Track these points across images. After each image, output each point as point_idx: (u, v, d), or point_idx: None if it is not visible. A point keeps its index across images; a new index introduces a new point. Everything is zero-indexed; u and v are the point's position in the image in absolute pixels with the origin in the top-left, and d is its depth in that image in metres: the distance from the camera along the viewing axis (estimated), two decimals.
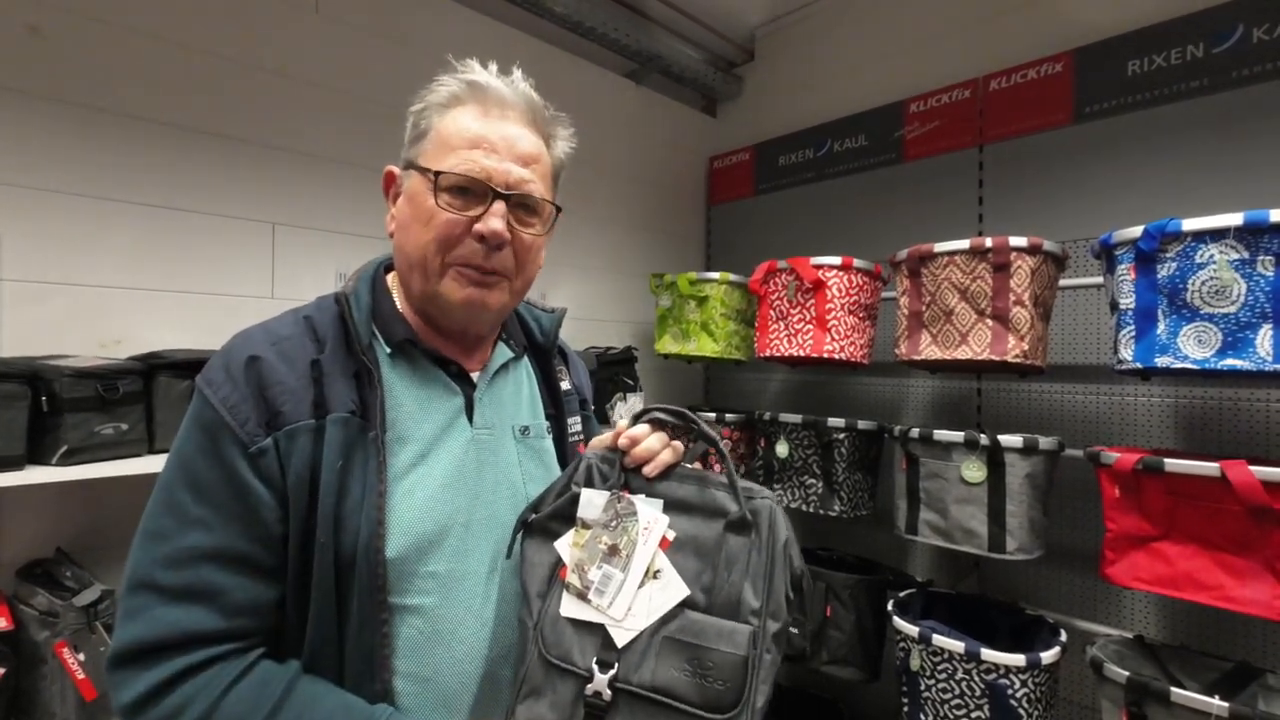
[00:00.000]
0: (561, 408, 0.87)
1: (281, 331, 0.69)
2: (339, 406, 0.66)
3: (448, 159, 0.69)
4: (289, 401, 0.64)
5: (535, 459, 0.81)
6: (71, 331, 1.41)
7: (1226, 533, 1.23)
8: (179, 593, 0.60)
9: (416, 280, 0.72)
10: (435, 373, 0.75)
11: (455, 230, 0.69)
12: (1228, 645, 1.50)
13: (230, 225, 1.63)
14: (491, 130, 0.70)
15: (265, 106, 1.68)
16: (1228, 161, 1.59)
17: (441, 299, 0.71)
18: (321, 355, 0.68)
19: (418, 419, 0.71)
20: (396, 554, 0.65)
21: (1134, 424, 1.69)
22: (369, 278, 0.76)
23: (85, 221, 1.44)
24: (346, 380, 0.68)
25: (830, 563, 2.00)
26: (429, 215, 0.69)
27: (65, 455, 1.21)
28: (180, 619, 0.59)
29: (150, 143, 1.52)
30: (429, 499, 0.69)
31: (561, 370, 0.90)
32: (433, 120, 0.71)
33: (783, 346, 1.90)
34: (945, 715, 1.49)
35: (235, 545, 0.61)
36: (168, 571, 0.60)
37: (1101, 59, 1.79)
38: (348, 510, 0.64)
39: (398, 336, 0.73)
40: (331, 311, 0.72)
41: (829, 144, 2.41)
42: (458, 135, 0.70)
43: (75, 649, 1.18)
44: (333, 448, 0.64)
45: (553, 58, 2.30)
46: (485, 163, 0.69)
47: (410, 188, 0.72)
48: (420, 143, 0.72)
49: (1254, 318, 1.19)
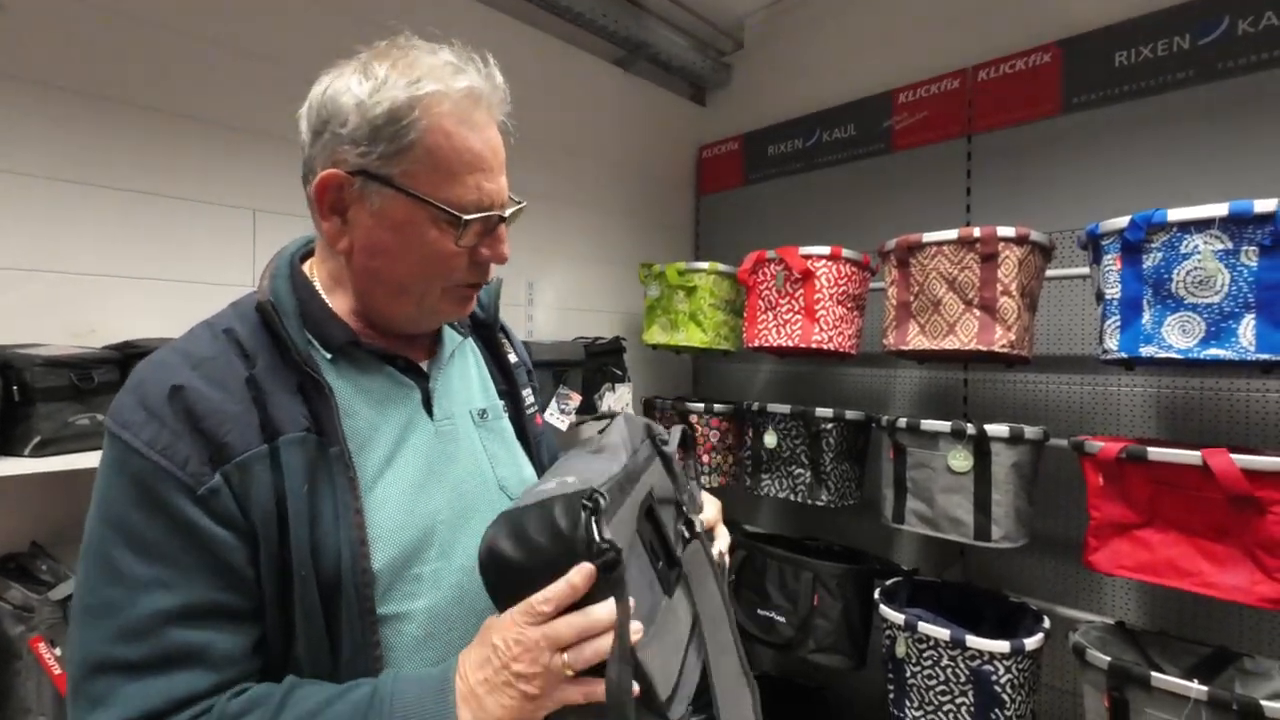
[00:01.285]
0: (514, 381, 0.84)
1: (201, 352, 0.60)
2: (290, 426, 0.59)
3: (452, 188, 0.62)
4: (231, 430, 0.57)
5: (498, 441, 0.78)
6: (44, 320, 1.37)
7: (1207, 520, 1.25)
8: (154, 663, 0.53)
9: (401, 304, 0.67)
10: (383, 371, 0.70)
11: (463, 261, 0.66)
12: (1206, 630, 1.53)
13: (210, 211, 1.59)
14: (482, 142, 0.65)
15: (246, 90, 1.64)
16: (1214, 152, 1.60)
17: (429, 317, 0.70)
18: (254, 371, 0.60)
19: (375, 423, 0.66)
20: (381, 566, 0.62)
21: (1118, 413, 1.70)
22: (285, 275, 0.67)
23: (58, 206, 1.40)
24: (290, 395, 0.61)
25: (817, 552, 2.01)
26: (434, 251, 0.64)
27: (38, 446, 1.18)
28: (165, 688, 0.53)
29: (126, 126, 1.48)
30: (405, 503, 0.65)
31: (505, 343, 0.87)
32: (420, 130, 0.61)
33: (771, 337, 1.89)
34: (930, 702, 1.50)
35: (204, 597, 0.55)
36: (131, 645, 0.52)
37: (1089, 50, 1.79)
38: (322, 534, 0.59)
39: (338, 340, 0.66)
40: (253, 320, 0.64)
41: (818, 134, 2.40)
42: (455, 156, 0.62)
43: (51, 644, 1.16)
44: (295, 472, 0.58)
45: (540, 43, 2.27)
46: (488, 187, 0.65)
47: (394, 214, 0.62)
48: (400, 160, 0.61)
49: (1237, 307, 1.20)
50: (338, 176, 0.62)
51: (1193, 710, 1.17)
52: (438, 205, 0.62)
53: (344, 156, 0.62)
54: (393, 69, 0.62)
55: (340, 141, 0.61)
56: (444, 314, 0.70)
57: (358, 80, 0.62)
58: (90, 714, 0.52)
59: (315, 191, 0.63)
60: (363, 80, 0.62)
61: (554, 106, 2.29)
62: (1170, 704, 1.20)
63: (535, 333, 2.28)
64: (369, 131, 0.61)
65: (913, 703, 1.54)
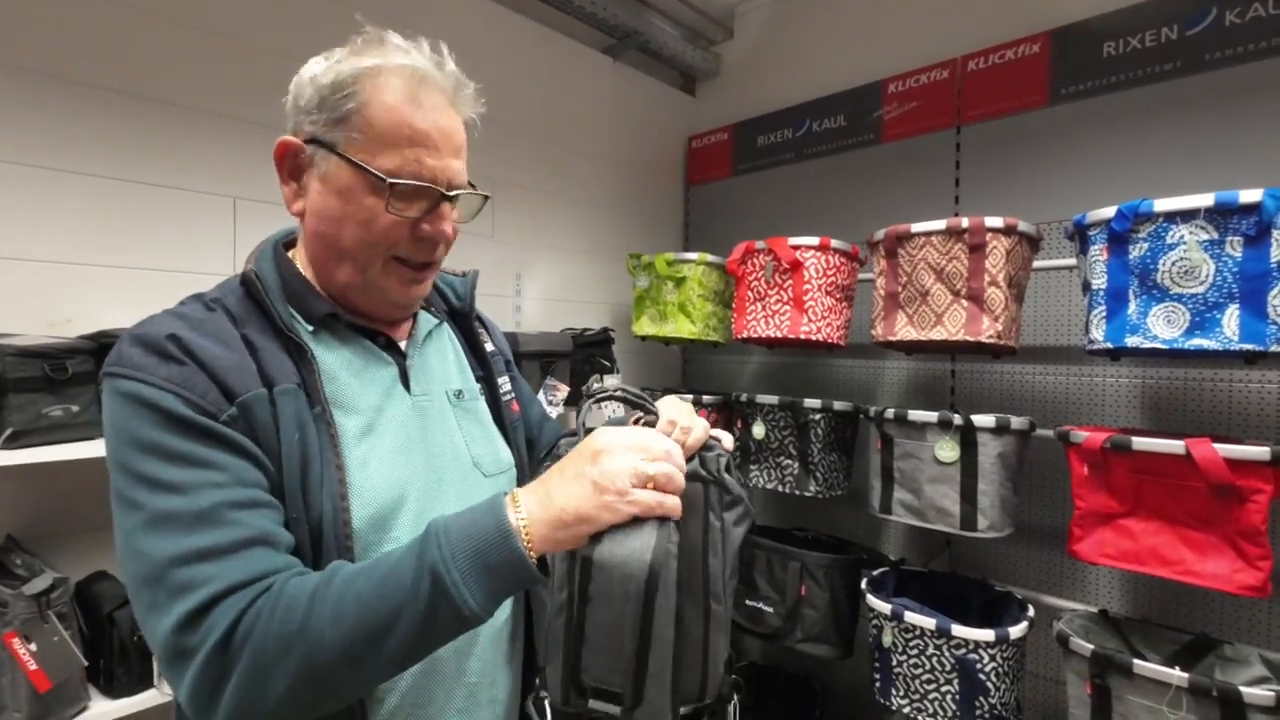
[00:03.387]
0: (490, 368, 0.87)
1: (195, 315, 0.64)
2: (282, 379, 0.63)
3: (389, 158, 0.65)
4: (233, 374, 0.60)
5: (473, 420, 0.82)
6: (17, 310, 1.34)
7: (1189, 509, 1.26)
8: (228, 546, 0.54)
9: (345, 271, 0.69)
10: (363, 345, 0.73)
11: (402, 232, 0.68)
12: (1188, 618, 1.55)
13: (188, 199, 1.56)
14: (428, 122, 0.66)
15: (226, 76, 1.61)
16: (1201, 143, 1.61)
17: (376, 292, 0.71)
18: (245, 331, 0.64)
19: (356, 390, 0.70)
20: (360, 524, 0.64)
21: (1103, 404, 1.71)
22: (270, 257, 0.71)
23: (31, 193, 1.36)
24: (282, 357, 0.65)
25: (805, 542, 2.02)
26: (370, 216, 0.66)
27: (11, 438, 1.15)
28: (244, 565, 0.54)
29: (102, 111, 1.44)
30: (383, 468, 0.68)
31: (482, 332, 0.90)
32: (361, 103, 0.64)
33: (760, 328, 1.89)
34: (916, 690, 1.51)
35: (254, 494, 0.58)
36: (203, 534, 0.54)
37: (1078, 40, 1.79)
38: (311, 485, 0.62)
39: (320, 312, 0.70)
40: (238, 294, 0.68)
41: (808, 124, 2.39)
42: (394, 129, 0.65)
43: (26, 639, 1.14)
44: (288, 419, 0.62)
45: (527, 31, 2.24)
46: (430, 163, 0.66)
47: (338, 179, 0.66)
48: (343, 127, 0.65)
49: (1221, 298, 1.21)
50: (292, 143, 0.68)
51: (1174, 697, 1.19)
52: (371, 171, 0.65)
53: (300, 126, 0.68)
54: (349, 52, 0.68)
55: (299, 114, 0.68)
56: (391, 292, 0.71)
57: (319, 61, 0.68)
58: (177, 602, 0.52)
59: (275, 157, 0.69)
60: (322, 61, 0.68)
61: (541, 95, 2.26)
62: (1152, 691, 1.21)
63: (523, 324, 2.26)
64: (318, 101, 0.66)
65: (899, 691, 1.55)
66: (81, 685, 1.23)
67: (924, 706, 1.50)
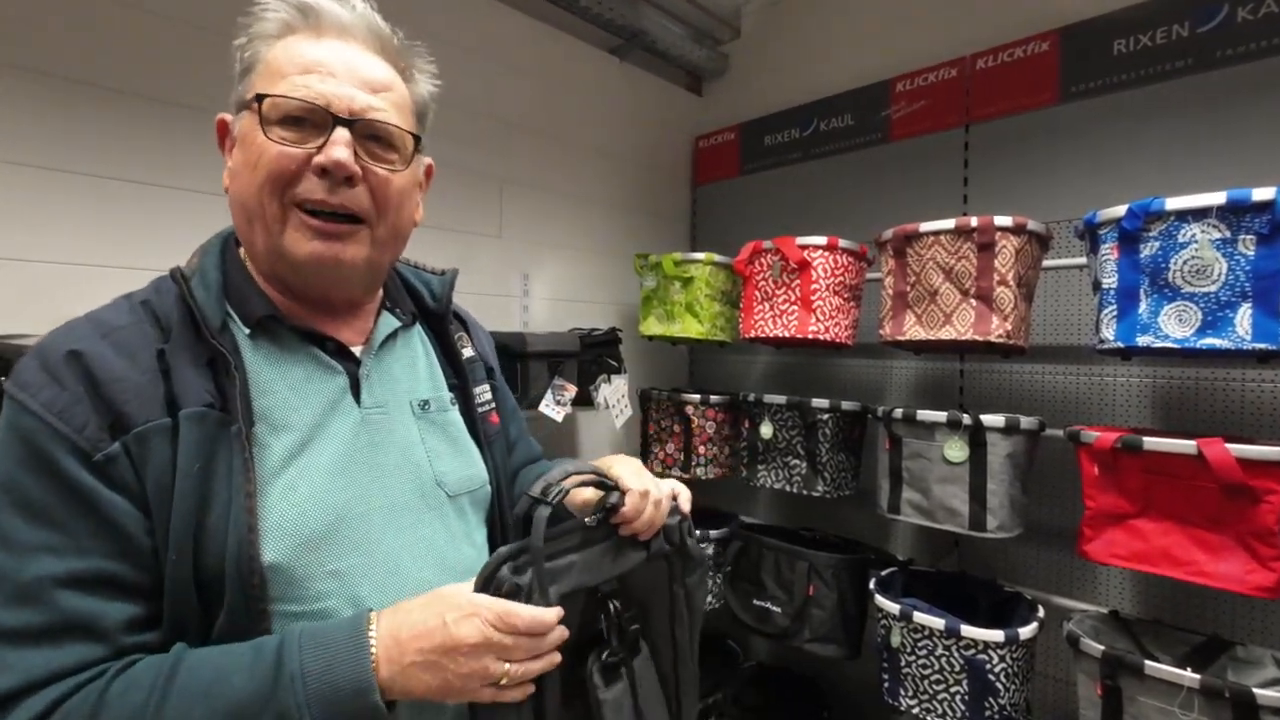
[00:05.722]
0: (465, 376, 0.80)
1: (114, 321, 0.59)
2: (192, 400, 0.57)
3: (276, 86, 0.60)
4: (132, 400, 0.55)
5: (439, 433, 0.74)
6: (22, 310, 1.35)
7: (1201, 509, 1.25)
8: (40, 632, 0.49)
9: (258, 236, 0.62)
10: (307, 351, 0.66)
11: (290, 165, 0.59)
12: (1199, 619, 1.54)
13: (193, 199, 1.57)
14: (328, 53, 0.61)
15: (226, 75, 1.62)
16: (1213, 141, 1.59)
17: (287, 255, 0.62)
18: (167, 344, 0.58)
19: (293, 405, 0.63)
20: (280, 559, 0.57)
21: (1114, 403, 1.70)
22: (216, 250, 0.66)
23: (35, 194, 1.38)
24: (199, 369, 0.58)
25: (813, 543, 2.01)
26: (259, 153, 0.59)
27: None
28: (53, 659, 0.49)
29: (105, 111, 1.45)
30: (315, 492, 0.61)
31: (462, 337, 0.83)
32: (259, 51, 0.62)
33: (767, 328, 1.88)
34: (925, 691, 1.51)
35: (95, 565, 0.52)
36: (15, 612, 0.49)
37: (1088, 38, 1.78)
38: (213, 520, 0.55)
39: (257, 313, 0.63)
40: (172, 293, 0.62)
41: (815, 123, 2.39)
42: (289, 62, 0.61)
43: None
44: (189, 449, 0.55)
45: (533, 31, 2.24)
46: (321, 87, 0.60)
47: (241, 129, 0.62)
48: (247, 78, 0.63)
49: (1234, 297, 1.20)
50: (225, 120, 0.67)
51: (1185, 698, 1.18)
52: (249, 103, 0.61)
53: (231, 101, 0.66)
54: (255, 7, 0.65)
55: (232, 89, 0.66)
56: (291, 249, 0.61)
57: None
58: None
59: (217, 141, 0.68)
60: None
61: (547, 95, 2.26)
62: (1163, 692, 1.20)
63: (530, 324, 2.26)
64: (237, 71, 0.65)
65: (907, 692, 1.54)
66: None
67: (933, 707, 1.49)
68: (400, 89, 0.66)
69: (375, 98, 0.63)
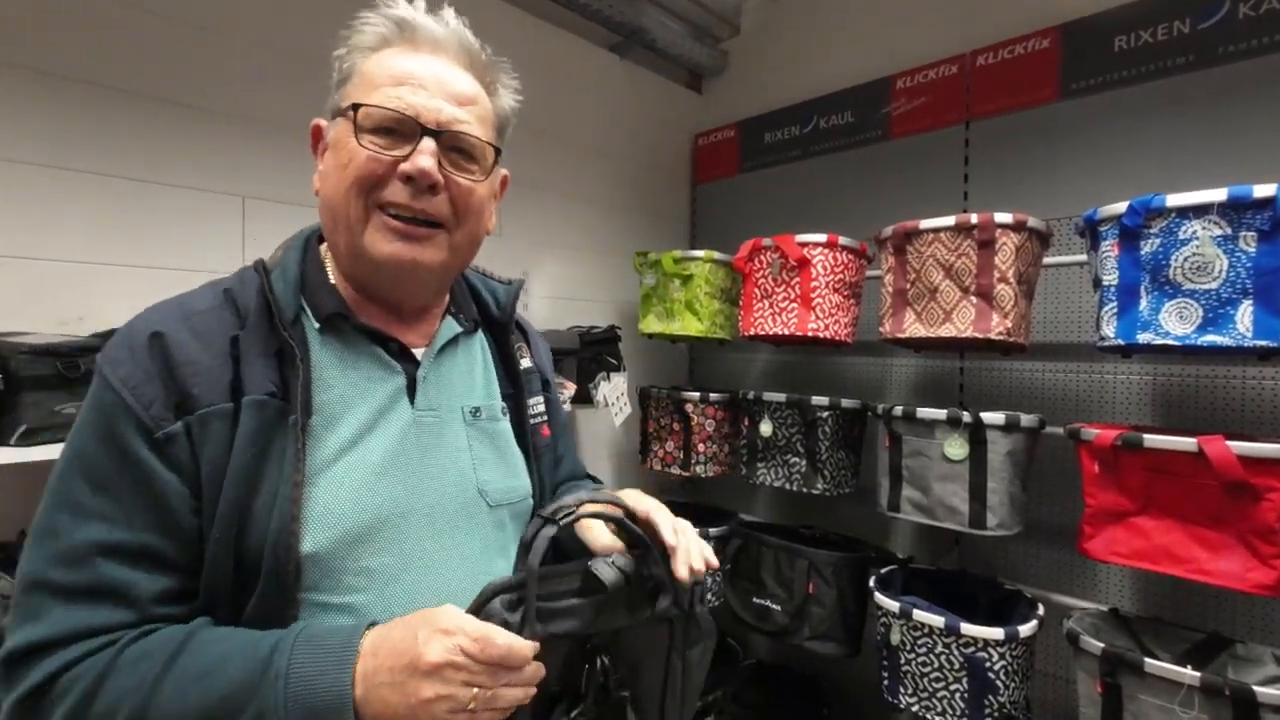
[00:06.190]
0: (520, 387, 0.80)
1: (197, 306, 0.62)
2: (256, 388, 0.59)
3: (371, 96, 0.63)
4: (201, 383, 0.58)
5: (487, 442, 0.74)
6: (29, 308, 1.36)
7: (1202, 507, 1.24)
8: (81, 591, 0.54)
9: (341, 235, 0.65)
10: (371, 350, 0.68)
11: (377, 169, 0.62)
12: (1200, 617, 1.53)
13: (197, 198, 1.57)
14: (421, 67, 0.64)
15: (235, 75, 1.62)
16: (1214, 138, 1.59)
17: (367, 255, 0.64)
18: (242, 331, 0.61)
19: (350, 401, 0.65)
20: (318, 549, 0.59)
21: (1114, 401, 1.70)
22: (299, 246, 0.69)
23: (42, 192, 1.38)
24: (267, 359, 0.61)
25: (813, 540, 2.01)
26: (349, 157, 0.63)
27: (25, 435, 1.17)
28: (85, 618, 0.53)
29: (112, 111, 1.45)
30: (360, 488, 0.62)
31: (521, 347, 0.84)
32: (356, 63, 0.66)
33: (767, 325, 1.88)
34: (925, 689, 1.51)
35: (139, 538, 0.55)
36: (63, 570, 0.53)
37: (1088, 35, 1.77)
38: (260, 505, 0.58)
39: (326, 309, 0.66)
40: (254, 283, 0.65)
41: (815, 121, 2.38)
42: (383, 74, 0.64)
43: None
44: (246, 434, 0.58)
45: (533, 28, 2.24)
46: (412, 99, 0.63)
47: (334, 135, 0.66)
48: (344, 87, 0.66)
49: (1235, 294, 1.20)
50: (319, 125, 0.69)
51: (1185, 696, 1.18)
52: (345, 111, 0.64)
53: (327, 107, 0.69)
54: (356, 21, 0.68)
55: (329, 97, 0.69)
56: (372, 248, 0.64)
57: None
58: (21, 626, 0.53)
59: (311, 146, 0.70)
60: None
61: (547, 93, 2.26)
62: (1163, 690, 1.20)
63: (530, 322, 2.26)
64: (335, 80, 0.68)
65: (907, 690, 1.54)
66: None
67: (932, 705, 1.49)
68: (485, 103, 0.69)
69: (461, 110, 0.65)
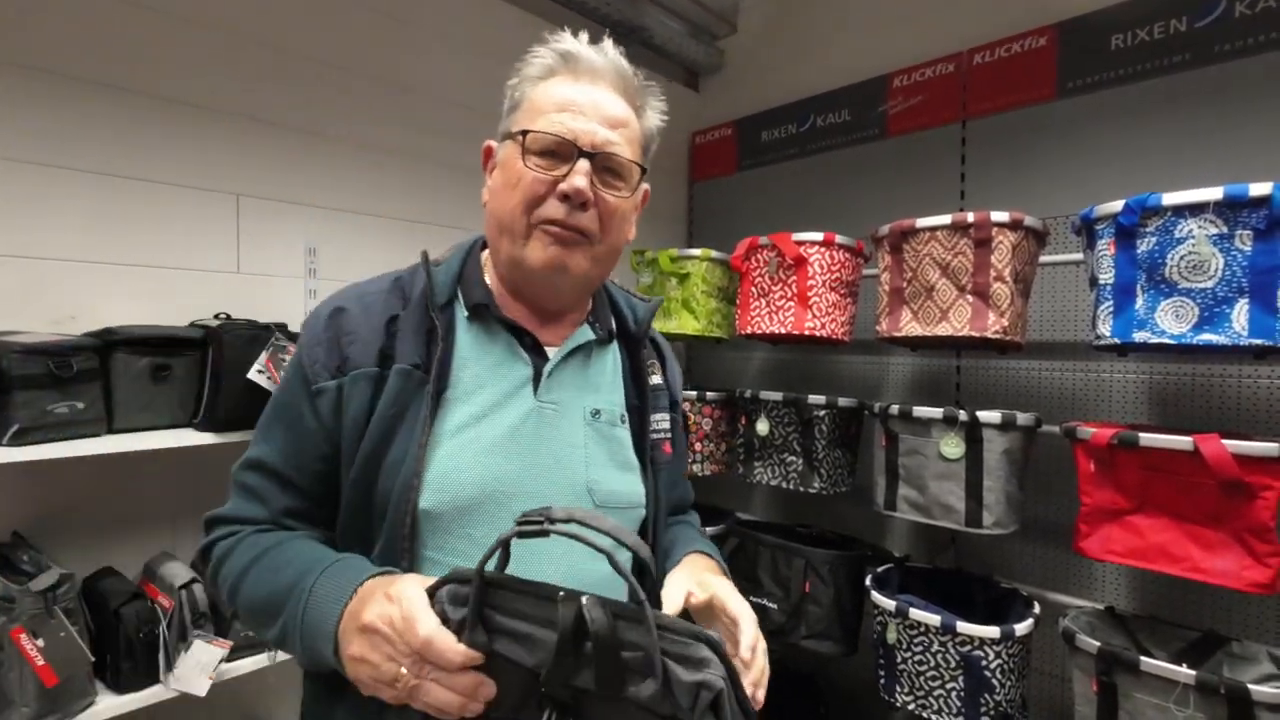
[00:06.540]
0: (647, 400, 0.83)
1: (371, 289, 0.76)
2: (404, 359, 0.70)
3: (536, 122, 0.71)
4: (357, 350, 0.70)
5: (603, 444, 0.78)
6: (20, 307, 1.35)
7: (1198, 506, 1.25)
8: (242, 489, 0.73)
9: (505, 244, 0.74)
10: (507, 340, 0.76)
11: (541, 189, 0.70)
12: (1195, 615, 1.54)
13: (190, 195, 1.56)
14: (580, 94, 0.72)
15: (229, 72, 1.61)
16: (1210, 136, 1.59)
17: (526, 262, 0.72)
18: (402, 312, 0.73)
19: (481, 381, 0.73)
20: (431, 508, 0.67)
21: (1110, 400, 1.70)
22: (466, 247, 0.81)
23: (34, 190, 1.37)
24: (418, 336, 0.72)
25: (809, 539, 2.01)
26: (518, 177, 0.71)
27: (16, 435, 1.16)
28: (239, 508, 0.72)
29: (105, 108, 1.44)
30: (475, 461, 0.69)
31: (653, 363, 0.87)
32: (525, 91, 0.74)
33: (764, 324, 1.88)
34: (921, 687, 1.51)
35: (279, 464, 0.71)
36: (241, 472, 0.74)
37: (1085, 33, 1.77)
38: (391, 459, 0.67)
39: (474, 299, 0.75)
40: (422, 274, 0.77)
41: (812, 119, 2.38)
42: (547, 101, 0.72)
43: (34, 635, 1.14)
44: (389, 396, 0.69)
45: (529, 25, 2.23)
46: (572, 124, 0.70)
47: (503, 156, 0.74)
48: (514, 114, 0.75)
49: (1230, 293, 1.20)
50: (490, 146, 0.79)
51: (1181, 694, 1.18)
52: (512, 133, 0.72)
53: (499, 129, 0.77)
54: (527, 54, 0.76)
55: (500, 121, 0.77)
56: (532, 256, 0.72)
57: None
58: (229, 496, 0.74)
59: (481, 164, 0.80)
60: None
61: None
62: (1158, 688, 1.20)
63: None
64: (506, 106, 0.76)
65: (903, 688, 1.54)
66: (88, 681, 1.23)
67: (929, 703, 1.49)
68: (634, 125, 0.76)
69: (614, 133, 0.72)
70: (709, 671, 0.45)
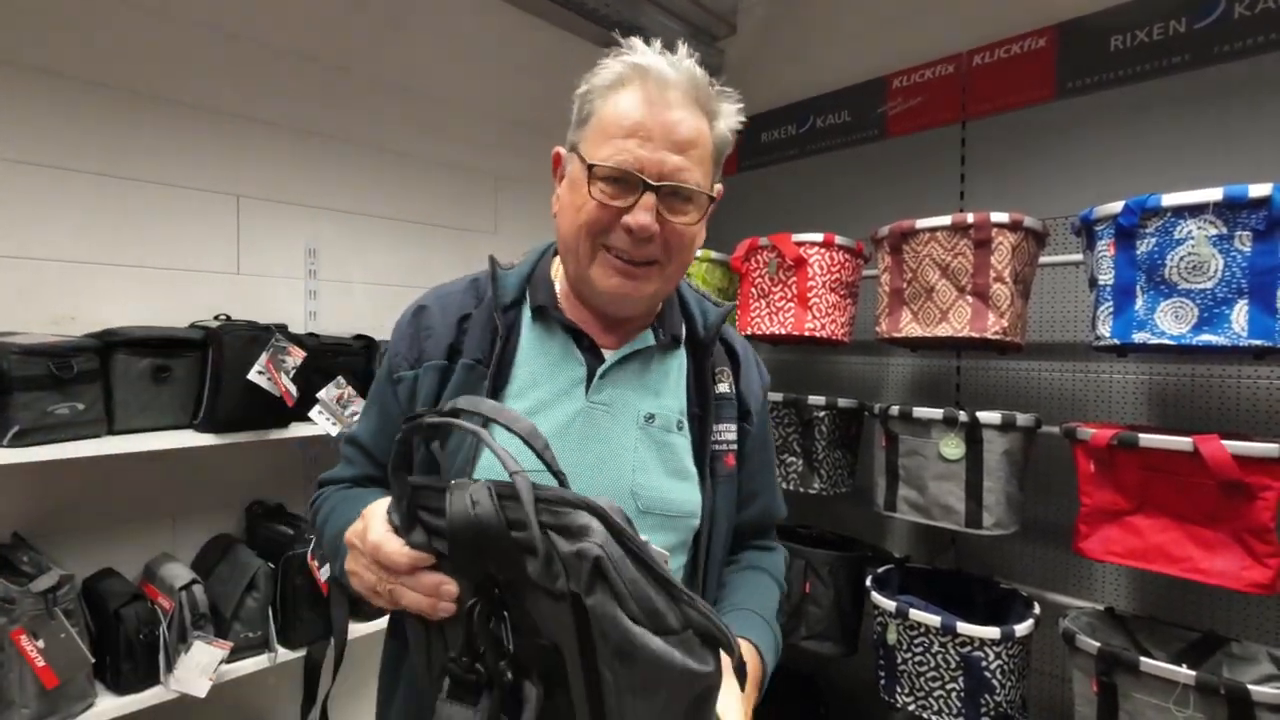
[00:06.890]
0: (709, 409, 0.80)
1: (451, 289, 0.82)
2: (469, 353, 0.76)
3: (604, 148, 0.70)
4: (431, 344, 0.77)
5: (654, 450, 0.76)
6: (21, 308, 1.35)
7: (1197, 506, 1.25)
8: (342, 455, 0.84)
9: (570, 263, 0.76)
10: (565, 340, 0.78)
11: (604, 218, 0.71)
12: (1195, 615, 1.54)
13: (191, 196, 1.56)
14: (650, 116, 0.70)
15: (230, 73, 1.61)
16: (1210, 137, 1.59)
17: (592, 284, 0.74)
18: (474, 311, 0.79)
19: (538, 380, 0.76)
20: None
21: (1110, 400, 1.70)
22: (538, 252, 0.84)
23: (35, 191, 1.37)
24: (484, 333, 0.77)
25: (810, 540, 2.01)
26: (582, 202, 0.71)
27: (17, 436, 1.16)
28: (337, 471, 0.84)
29: (106, 110, 1.44)
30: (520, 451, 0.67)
31: (723, 371, 0.83)
32: (595, 105, 0.73)
33: (764, 325, 1.88)
34: (921, 688, 1.51)
35: (365, 439, 0.82)
36: (344, 443, 0.85)
37: (1084, 34, 1.77)
38: (452, 444, 0.72)
39: (537, 301, 0.79)
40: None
41: (812, 120, 2.38)
42: (616, 123, 0.71)
43: (34, 635, 1.14)
44: (454, 386, 0.75)
45: (525, 25, 2.23)
46: (639, 153, 0.69)
47: (571, 172, 0.75)
48: (583, 128, 0.74)
49: (1230, 293, 1.20)
50: (557, 153, 0.80)
51: (1181, 695, 1.18)
52: (581, 157, 0.72)
53: (568, 137, 0.77)
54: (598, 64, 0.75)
55: (569, 127, 0.78)
56: (597, 280, 0.73)
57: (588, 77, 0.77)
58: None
59: (551, 168, 0.81)
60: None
61: (541, 91, 2.25)
62: (1158, 688, 1.20)
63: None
64: (575, 112, 0.76)
65: (904, 689, 1.54)
66: (88, 681, 1.24)
67: (929, 704, 1.49)
68: (705, 141, 0.74)
69: (682, 158, 0.71)
70: (588, 540, 0.44)
